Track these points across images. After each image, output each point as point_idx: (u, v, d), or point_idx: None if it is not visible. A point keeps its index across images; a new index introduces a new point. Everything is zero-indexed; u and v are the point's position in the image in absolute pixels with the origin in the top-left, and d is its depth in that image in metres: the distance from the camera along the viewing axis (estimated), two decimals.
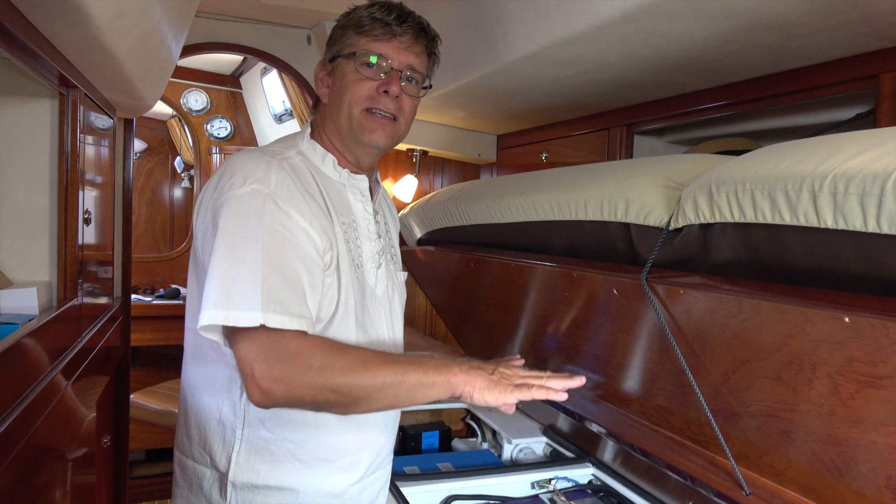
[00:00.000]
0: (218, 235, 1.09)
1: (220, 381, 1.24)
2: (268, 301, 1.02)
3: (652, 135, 2.11)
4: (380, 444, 1.35)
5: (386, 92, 1.24)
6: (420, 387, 1.06)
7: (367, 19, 1.24)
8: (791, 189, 0.92)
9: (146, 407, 3.88)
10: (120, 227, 2.54)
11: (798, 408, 1.05)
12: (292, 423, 1.22)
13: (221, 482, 1.23)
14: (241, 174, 1.14)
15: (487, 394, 1.06)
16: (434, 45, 1.33)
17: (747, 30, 1.23)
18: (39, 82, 1.45)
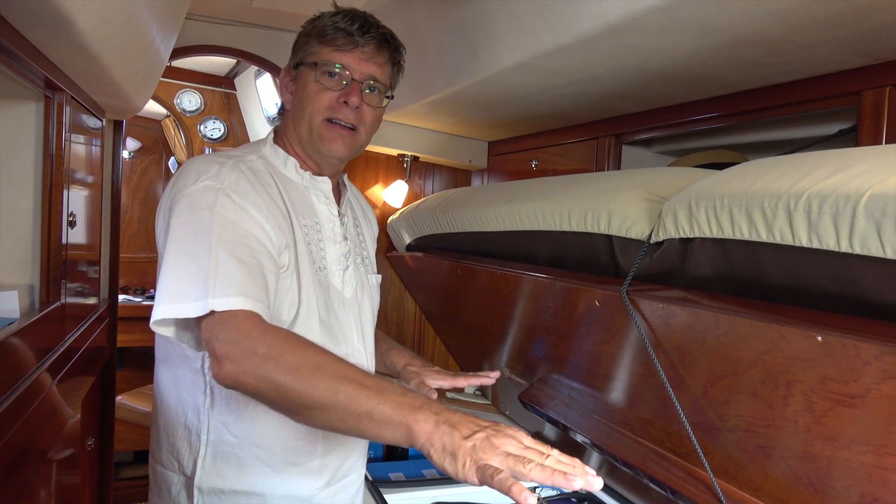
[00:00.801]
0: (170, 232, 1.09)
1: (184, 385, 1.25)
2: (217, 286, 1.01)
3: (640, 145, 2.11)
4: (348, 447, 1.35)
5: (346, 103, 1.24)
6: (370, 420, 0.88)
7: (330, 28, 1.24)
8: (767, 207, 0.93)
9: (134, 408, 3.88)
10: (108, 228, 2.54)
11: (774, 423, 1.06)
12: (257, 427, 1.22)
13: (188, 487, 1.23)
14: (194, 174, 1.15)
15: (448, 462, 0.82)
16: (399, 54, 1.33)
17: (731, 45, 1.23)
18: (24, 85, 1.45)
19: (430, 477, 2.19)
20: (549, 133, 2.37)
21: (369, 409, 0.88)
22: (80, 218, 1.87)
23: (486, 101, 2.03)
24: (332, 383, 0.91)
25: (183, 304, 1.01)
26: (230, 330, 0.98)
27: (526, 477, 0.78)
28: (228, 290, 1.01)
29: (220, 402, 1.22)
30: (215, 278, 1.01)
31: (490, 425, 0.85)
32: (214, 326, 0.99)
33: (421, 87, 2.12)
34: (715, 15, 1.11)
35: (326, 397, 0.90)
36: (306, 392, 0.92)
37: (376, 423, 0.88)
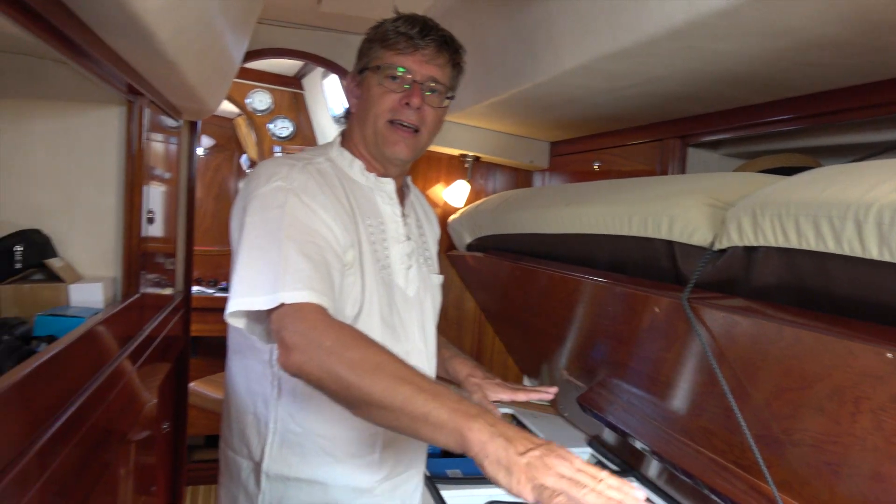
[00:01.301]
0: (244, 231, 1.15)
1: (254, 376, 1.31)
2: (286, 280, 1.05)
3: (706, 147, 2.06)
4: (409, 443, 1.37)
5: (408, 104, 1.28)
6: (425, 423, 0.89)
7: (392, 33, 1.28)
8: (836, 217, 0.90)
9: (205, 395, 4.04)
10: (183, 223, 2.67)
11: (841, 441, 1.02)
12: (321, 418, 1.27)
13: (256, 473, 1.29)
14: (265, 176, 1.21)
15: (503, 476, 0.82)
16: (458, 56, 1.36)
17: (798, 48, 1.19)
18: (109, 91, 1.55)
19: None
20: (611, 134, 2.33)
21: (425, 413, 0.89)
22: (158, 213, 1.98)
23: (547, 103, 2.02)
24: (390, 383, 0.93)
25: (255, 297, 1.06)
26: (298, 321, 1.02)
27: (580, 502, 0.78)
28: (297, 284, 1.05)
29: (286, 394, 1.28)
30: (285, 273, 1.05)
31: (544, 444, 0.85)
32: (283, 317, 1.03)
33: (483, 89, 2.13)
34: (781, 18, 1.07)
35: (385, 396, 0.92)
36: (366, 389, 0.93)
37: (431, 426, 0.88)
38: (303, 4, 2.37)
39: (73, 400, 1.13)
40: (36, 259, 1.55)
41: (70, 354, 1.15)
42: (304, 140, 5.12)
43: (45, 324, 1.35)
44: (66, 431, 1.06)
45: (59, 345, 1.12)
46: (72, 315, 1.41)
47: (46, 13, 0.94)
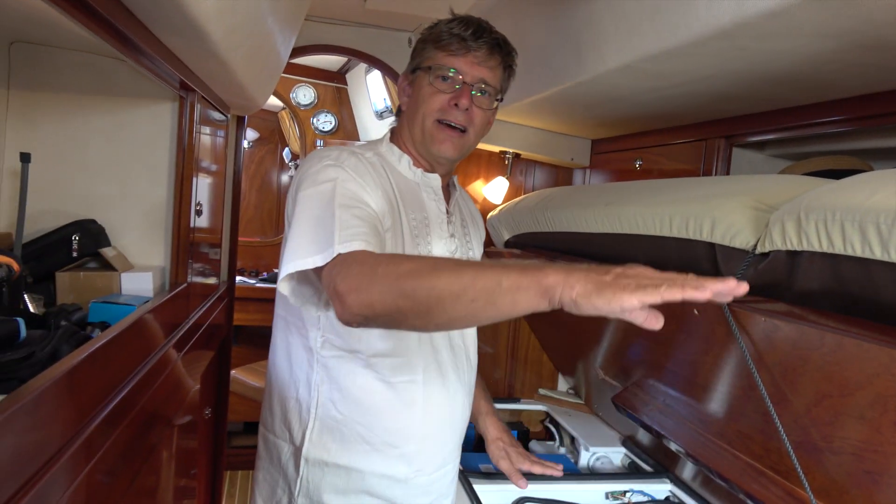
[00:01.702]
0: (297, 205, 1.18)
1: (297, 361, 1.35)
2: (342, 236, 1.06)
3: (752, 147, 2.02)
4: (444, 436, 1.40)
5: (457, 105, 1.30)
6: (500, 291, 0.84)
7: (446, 34, 1.31)
8: (883, 223, 0.88)
9: (246, 383, 4.15)
10: (228, 215, 2.74)
11: (882, 450, 1.00)
12: (361, 406, 1.30)
13: (296, 457, 1.33)
14: (317, 158, 1.25)
15: (596, 297, 0.76)
16: (510, 58, 1.37)
17: (850, 50, 1.17)
18: (163, 87, 1.61)
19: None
20: (654, 133, 2.31)
21: (497, 282, 0.84)
22: (205, 205, 2.05)
23: (589, 101, 2.02)
24: (453, 271, 0.90)
25: (311, 257, 1.07)
26: (351, 264, 1.02)
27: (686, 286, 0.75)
28: (350, 237, 1.07)
29: (328, 381, 1.31)
30: (340, 231, 1.07)
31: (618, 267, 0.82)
32: (335, 267, 1.03)
33: (524, 86, 2.13)
34: (832, 20, 1.05)
35: (452, 283, 0.88)
36: (431, 285, 0.90)
37: (507, 291, 0.84)
38: (349, 2, 2.41)
39: (123, 384, 1.19)
40: (91, 248, 1.62)
41: (121, 341, 1.21)
42: (346, 134, 5.19)
43: (98, 310, 1.41)
44: (117, 415, 1.11)
45: (111, 332, 1.18)
46: (123, 303, 1.47)
47: (109, 14, 0.99)
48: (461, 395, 1.43)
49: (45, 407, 0.87)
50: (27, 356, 0.99)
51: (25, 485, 0.79)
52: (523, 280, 0.83)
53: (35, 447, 0.84)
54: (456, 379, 1.40)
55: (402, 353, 1.31)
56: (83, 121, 1.68)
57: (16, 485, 0.77)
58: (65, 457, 0.90)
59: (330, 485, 1.32)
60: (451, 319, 0.94)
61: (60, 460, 0.88)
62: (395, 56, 2.73)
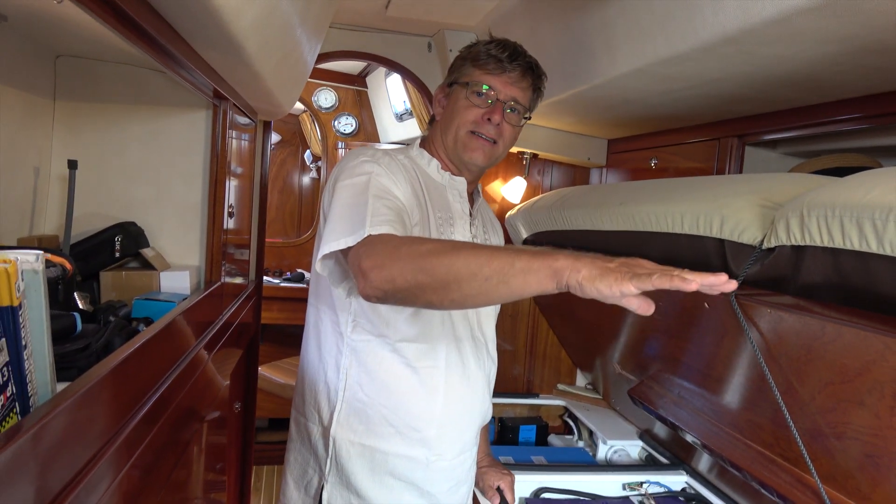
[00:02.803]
0: (335, 195, 1.29)
1: (327, 346, 1.45)
2: (373, 221, 1.16)
3: (765, 146, 2.07)
4: (464, 423, 1.48)
5: (489, 119, 1.41)
6: (513, 271, 0.92)
7: (484, 55, 1.42)
8: (878, 219, 0.94)
9: (271, 379, 4.25)
10: (256, 216, 2.84)
11: (881, 433, 1.06)
12: (386, 389, 1.39)
13: (325, 437, 1.43)
14: (354, 156, 1.36)
15: (600, 281, 0.84)
16: (540, 81, 1.49)
17: (852, 53, 1.22)
18: (197, 96, 1.70)
19: (538, 463, 2.28)
20: (669, 132, 2.36)
21: (511, 262, 0.92)
22: (235, 207, 2.14)
23: (604, 103, 2.08)
24: (471, 252, 0.97)
25: (345, 238, 1.16)
26: (376, 243, 1.10)
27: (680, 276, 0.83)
28: (381, 222, 1.17)
29: (356, 364, 1.40)
30: (372, 216, 1.17)
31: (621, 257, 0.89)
32: (361, 247, 1.11)
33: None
34: (834, 26, 1.11)
35: (469, 262, 0.95)
36: (450, 262, 0.97)
37: (519, 271, 0.91)
38: (371, 9, 2.49)
39: (166, 376, 1.26)
40: (132, 249, 1.72)
41: (166, 335, 1.29)
42: (367, 137, 5.28)
43: (142, 307, 1.51)
44: (158, 408, 1.18)
45: (157, 325, 1.26)
46: (164, 300, 1.57)
47: (156, 31, 1.07)
48: (481, 384, 1.51)
49: (103, 394, 0.95)
50: (84, 347, 1.08)
51: (80, 472, 0.84)
52: (535, 262, 0.90)
53: (90, 434, 0.90)
54: (477, 368, 1.48)
55: (426, 339, 1.40)
56: (123, 129, 1.78)
57: (73, 471, 0.83)
58: (117, 442, 0.97)
59: (358, 464, 1.40)
60: (465, 296, 0.99)
61: (112, 446, 0.95)
62: (415, 60, 2.81)
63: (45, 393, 0.86)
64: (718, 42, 1.28)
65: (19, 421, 0.76)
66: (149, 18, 1.05)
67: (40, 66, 1.65)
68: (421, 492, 1.44)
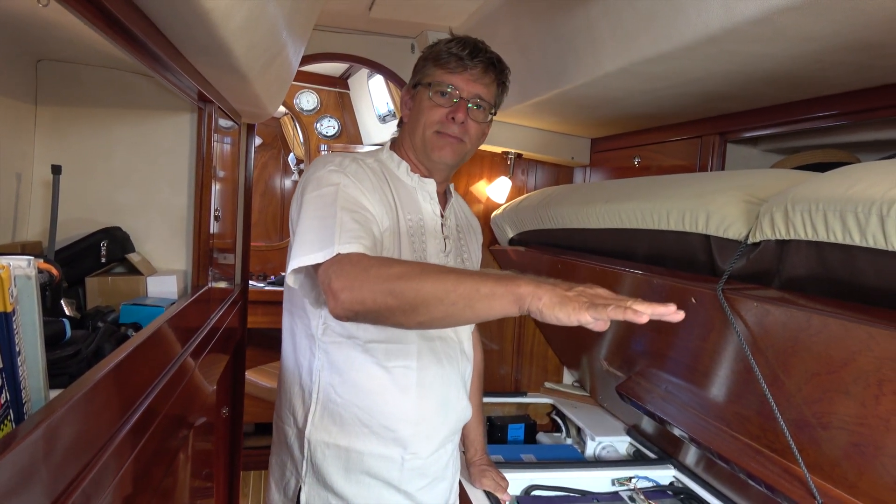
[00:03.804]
0: (303, 206, 1.29)
1: (301, 349, 1.45)
2: (342, 237, 1.17)
3: (746, 143, 2.10)
4: (437, 422, 1.48)
5: (454, 118, 1.42)
6: (478, 296, 0.96)
7: (445, 53, 1.42)
8: (861, 212, 0.96)
9: (257, 384, 4.23)
10: (241, 220, 2.82)
11: (867, 422, 1.08)
12: (359, 389, 1.39)
13: (300, 439, 1.43)
14: (322, 163, 1.36)
15: (559, 309, 0.88)
16: (504, 76, 1.49)
17: (832, 50, 1.24)
18: (182, 99, 1.69)
19: (527, 461, 2.30)
20: (652, 131, 2.39)
21: (476, 287, 0.97)
22: (221, 211, 2.13)
23: (588, 102, 2.10)
24: (438, 276, 1.01)
25: (314, 254, 1.18)
26: (345, 264, 1.12)
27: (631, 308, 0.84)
28: (350, 239, 1.17)
29: (328, 366, 1.41)
30: (340, 232, 1.18)
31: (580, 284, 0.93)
32: (331, 266, 1.13)
33: (525, 89, 2.21)
34: (814, 24, 1.13)
35: (436, 287, 1.00)
36: (417, 287, 1.01)
37: (484, 297, 0.96)
38: (354, 11, 2.49)
39: (154, 385, 1.25)
40: (118, 254, 1.71)
41: (157, 341, 1.29)
42: (350, 138, 5.27)
43: (129, 312, 1.50)
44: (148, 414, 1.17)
45: (148, 330, 1.26)
46: (152, 304, 1.56)
47: (141, 33, 1.07)
48: (456, 383, 1.52)
49: (96, 401, 0.94)
50: (75, 353, 1.07)
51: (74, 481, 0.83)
52: (499, 288, 0.95)
53: (84, 442, 0.90)
54: (450, 367, 1.49)
55: (397, 340, 1.41)
56: (107, 133, 1.76)
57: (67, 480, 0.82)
58: (110, 449, 0.96)
59: (333, 465, 1.40)
60: (433, 319, 1.04)
61: (105, 454, 0.94)
62: (398, 62, 2.82)
63: (38, 399, 0.86)
64: (701, 41, 1.30)
65: (14, 429, 0.76)
66: (138, 22, 1.04)
67: (21, 71, 1.63)
68: (397, 490, 1.45)
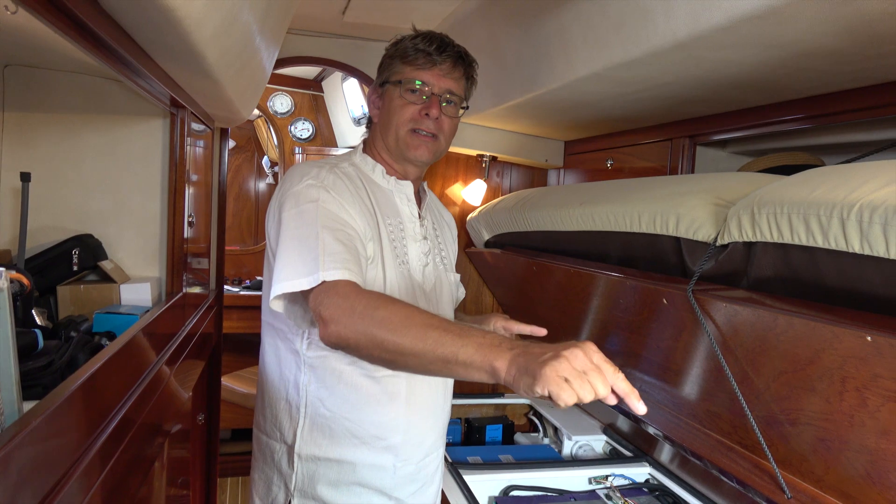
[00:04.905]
0: (282, 224, 1.27)
1: (286, 364, 1.43)
2: (326, 262, 1.16)
3: (715, 146, 2.15)
4: (427, 426, 1.49)
5: (427, 114, 1.41)
6: (456, 363, 0.95)
7: (412, 50, 1.41)
8: (823, 215, 1.00)
9: (233, 389, 4.19)
10: (215, 224, 2.80)
11: (832, 417, 1.12)
12: (348, 402, 1.39)
13: (289, 454, 1.41)
14: (298, 176, 1.34)
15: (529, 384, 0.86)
16: (472, 69, 1.49)
17: (796, 57, 1.28)
18: (154, 105, 1.68)
19: (505, 462, 2.31)
20: (624, 133, 2.43)
21: (455, 352, 0.95)
22: (194, 216, 2.11)
23: (561, 106, 2.12)
24: (419, 331, 0.99)
25: (298, 279, 1.17)
26: (333, 296, 1.12)
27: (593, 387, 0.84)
28: (335, 264, 1.16)
29: (315, 380, 1.39)
30: (324, 256, 1.17)
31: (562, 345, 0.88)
32: (320, 294, 1.13)
33: (500, 93, 2.23)
34: (778, 32, 1.17)
35: (416, 344, 0.99)
36: (398, 340, 1.01)
37: (462, 365, 0.95)
38: (328, 15, 2.49)
39: (129, 394, 1.24)
40: (90, 261, 1.68)
41: (132, 349, 1.27)
42: (324, 141, 5.25)
43: (103, 321, 1.48)
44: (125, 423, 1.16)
45: (123, 339, 1.24)
46: (126, 312, 1.54)
47: (112, 40, 1.06)
48: (441, 387, 1.53)
49: (72, 412, 0.93)
50: (48, 364, 1.06)
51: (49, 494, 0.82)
52: (476, 358, 0.93)
53: (59, 454, 0.89)
54: None
55: None
56: (78, 139, 1.74)
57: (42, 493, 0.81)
58: (86, 461, 0.95)
59: (323, 478, 1.40)
60: (410, 370, 1.06)
61: (81, 466, 0.93)
62: (372, 65, 2.79)
63: (11, 412, 0.85)
64: (670, 48, 1.33)
65: None
66: (109, 29, 1.03)
67: None
68: (389, 497, 1.45)
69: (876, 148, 1.59)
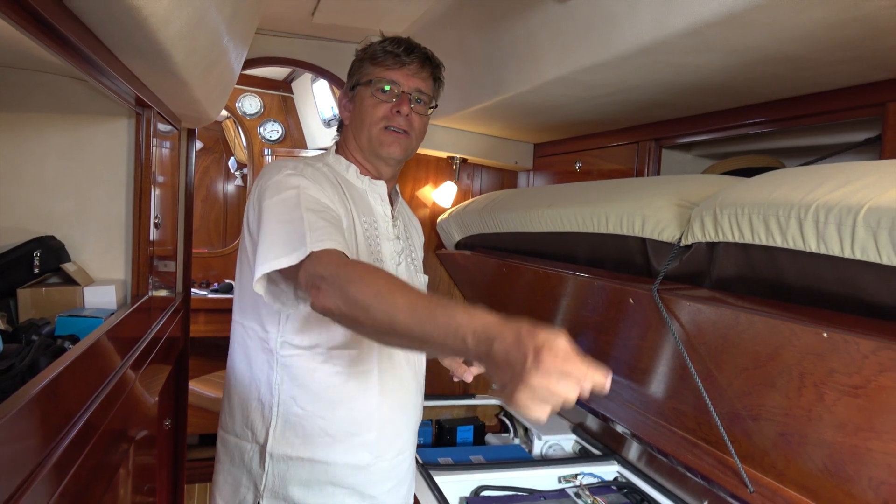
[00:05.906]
0: (263, 213, 1.27)
1: (257, 364, 1.43)
2: (313, 237, 1.15)
3: (680, 149, 2.19)
4: (400, 423, 1.50)
5: (398, 112, 1.44)
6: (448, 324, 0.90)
7: (381, 52, 1.46)
8: (781, 215, 1.03)
9: (201, 394, 4.13)
10: (182, 227, 2.76)
11: (791, 412, 1.15)
12: (321, 399, 1.39)
13: (261, 454, 1.41)
14: (276, 168, 1.36)
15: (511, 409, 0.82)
16: (438, 71, 1.53)
17: (757, 62, 1.32)
18: (119, 104, 1.65)
19: (476, 462, 2.32)
20: (592, 136, 2.46)
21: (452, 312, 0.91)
22: (161, 218, 2.08)
23: (530, 109, 2.15)
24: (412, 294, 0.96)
25: (286, 256, 1.16)
26: (326, 263, 1.11)
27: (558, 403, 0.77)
28: (322, 236, 1.16)
29: (288, 379, 1.39)
30: (311, 232, 1.17)
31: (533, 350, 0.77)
32: (312, 263, 1.12)
33: (469, 95, 2.25)
34: (740, 37, 1.20)
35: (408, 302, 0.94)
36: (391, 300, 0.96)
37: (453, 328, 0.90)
38: (297, 16, 2.47)
39: (92, 399, 1.21)
40: (52, 264, 1.65)
41: (96, 353, 1.25)
42: (294, 143, 5.20)
43: (66, 324, 1.45)
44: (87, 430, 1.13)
45: (87, 341, 1.22)
46: (90, 315, 1.51)
47: (75, 38, 1.04)
48: (414, 384, 1.54)
49: (32, 418, 0.91)
50: (7, 368, 1.03)
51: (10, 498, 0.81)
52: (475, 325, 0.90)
53: (18, 460, 0.87)
54: (409, 368, 1.51)
55: (357, 345, 1.41)
56: (38, 138, 1.70)
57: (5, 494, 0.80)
58: (47, 467, 0.93)
59: (295, 477, 1.39)
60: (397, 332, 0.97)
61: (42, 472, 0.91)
62: (342, 67, 2.78)
63: None
64: (635, 52, 1.36)
65: None
66: (72, 27, 1.02)
67: None
68: (362, 495, 1.45)
69: (833, 151, 1.64)
